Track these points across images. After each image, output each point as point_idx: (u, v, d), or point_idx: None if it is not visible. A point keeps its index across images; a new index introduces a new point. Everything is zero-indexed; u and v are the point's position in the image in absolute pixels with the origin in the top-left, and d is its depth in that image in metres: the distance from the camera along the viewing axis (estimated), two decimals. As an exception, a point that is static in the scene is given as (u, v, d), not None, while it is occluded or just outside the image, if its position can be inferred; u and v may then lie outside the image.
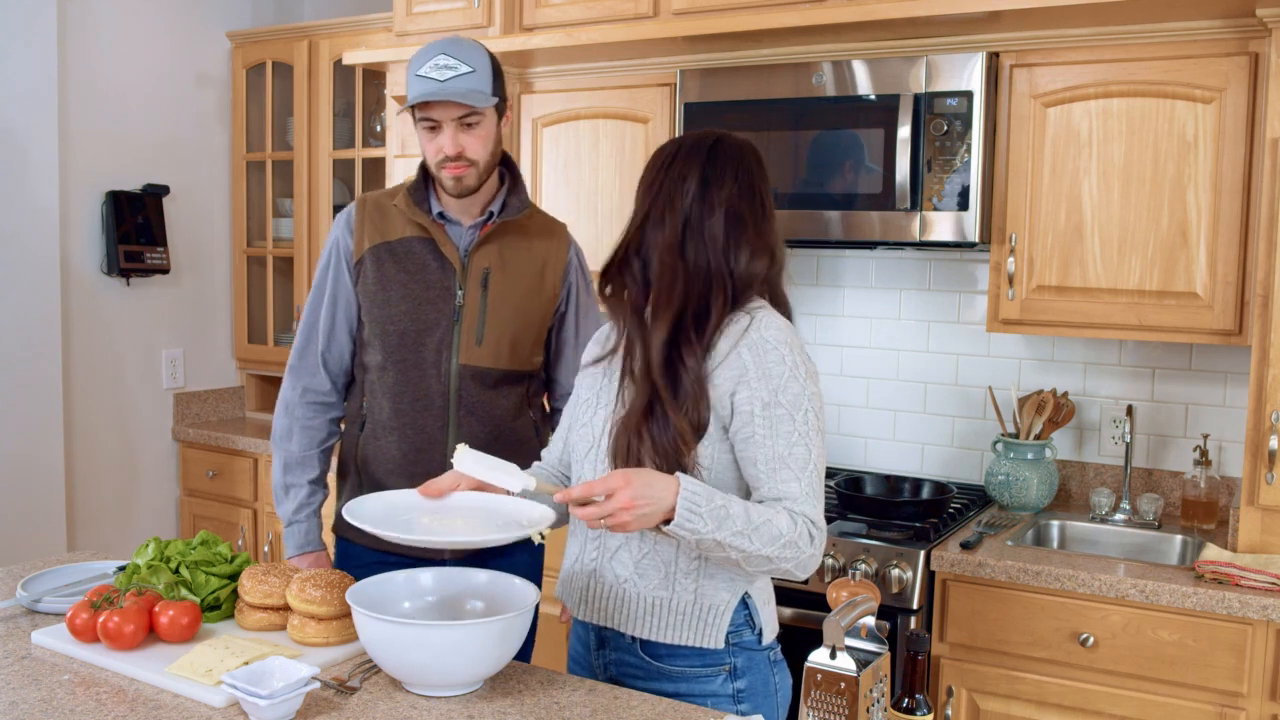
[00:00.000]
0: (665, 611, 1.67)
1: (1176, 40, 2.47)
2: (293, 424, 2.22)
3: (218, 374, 4.23)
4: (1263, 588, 2.22)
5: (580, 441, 1.77)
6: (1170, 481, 2.87)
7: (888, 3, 2.58)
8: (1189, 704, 2.28)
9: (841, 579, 1.54)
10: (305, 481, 2.22)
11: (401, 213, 2.14)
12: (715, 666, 1.68)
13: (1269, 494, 2.32)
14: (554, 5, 3.17)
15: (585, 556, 1.76)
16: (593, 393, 1.78)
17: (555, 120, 3.28)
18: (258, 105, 4.17)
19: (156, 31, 3.90)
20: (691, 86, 2.97)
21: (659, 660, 1.70)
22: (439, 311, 2.12)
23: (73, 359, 3.69)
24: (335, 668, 1.68)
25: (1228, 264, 2.45)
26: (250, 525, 3.88)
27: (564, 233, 2.25)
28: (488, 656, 1.55)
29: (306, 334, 2.22)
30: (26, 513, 3.50)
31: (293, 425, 2.22)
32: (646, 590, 1.68)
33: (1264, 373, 2.31)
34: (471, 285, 2.12)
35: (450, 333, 2.12)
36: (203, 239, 4.11)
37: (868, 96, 2.72)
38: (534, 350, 2.21)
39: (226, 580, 1.89)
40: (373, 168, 3.91)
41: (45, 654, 1.72)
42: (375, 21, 3.71)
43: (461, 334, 2.12)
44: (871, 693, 1.36)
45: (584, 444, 1.76)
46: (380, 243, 2.14)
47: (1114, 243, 2.55)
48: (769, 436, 1.60)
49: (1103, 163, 2.55)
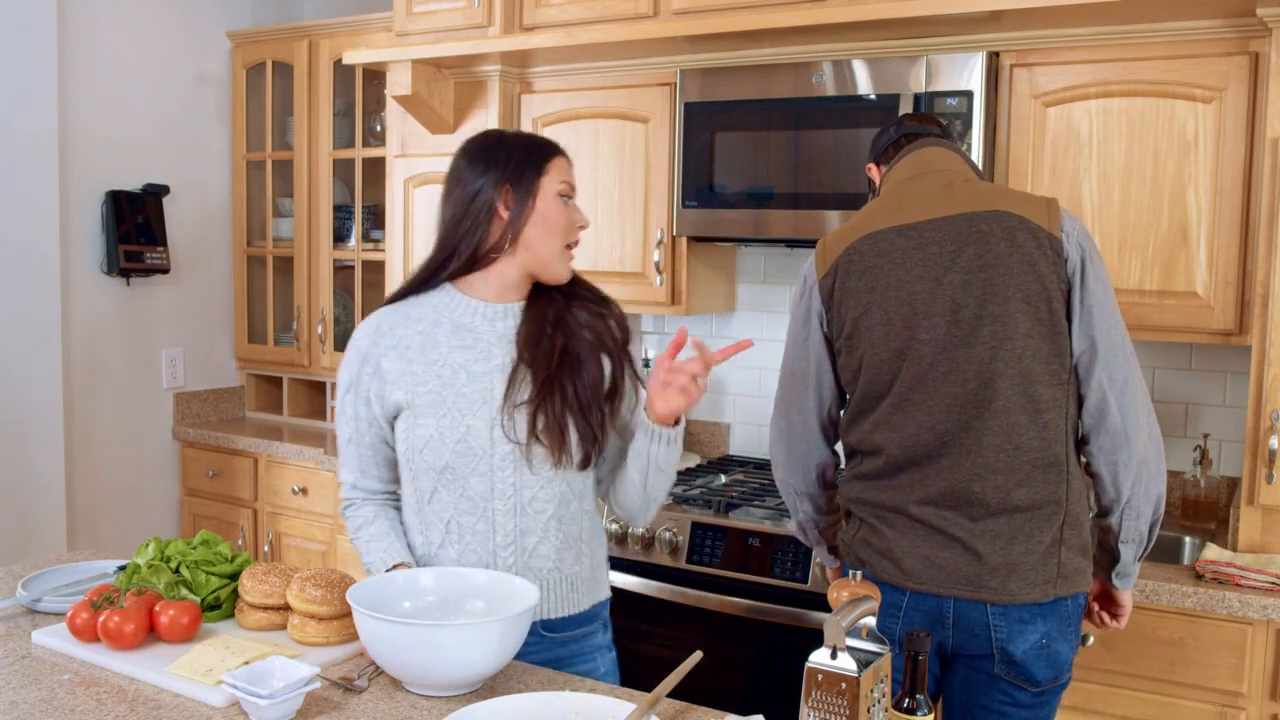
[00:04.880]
0: (578, 583, 1.87)
1: (1176, 40, 2.47)
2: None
3: (218, 374, 4.23)
4: (1263, 587, 2.22)
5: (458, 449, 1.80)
6: (1170, 481, 2.86)
7: (888, 3, 2.58)
8: (1189, 704, 2.28)
9: (842, 579, 1.54)
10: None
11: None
12: (598, 620, 1.92)
13: (1269, 494, 2.32)
14: (554, 5, 3.17)
15: (500, 570, 1.80)
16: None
17: (555, 120, 3.28)
18: (258, 105, 4.17)
19: (156, 31, 3.90)
20: (691, 86, 2.97)
21: (554, 632, 1.86)
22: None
23: (73, 359, 3.69)
24: (338, 666, 1.68)
25: (1228, 264, 2.45)
26: (250, 525, 3.88)
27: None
28: (488, 656, 1.55)
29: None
30: (26, 513, 3.50)
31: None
32: (566, 571, 1.84)
33: (1264, 373, 2.31)
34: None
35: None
36: (203, 239, 4.11)
37: (868, 96, 2.72)
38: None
39: (227, 580, 1.89)
40: (373, 167, 3.91)
41: (45, 654, 1.72)
42: (375, 21, 3.71)
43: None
44: (872, 693, 1.36)
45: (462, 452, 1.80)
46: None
47: (1114, 242, 2.55)
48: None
49: (1103, 162, 2.55)
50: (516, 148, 1.83)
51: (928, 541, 1.87)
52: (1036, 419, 1.83)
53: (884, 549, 1.92)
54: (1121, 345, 1.85)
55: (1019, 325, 1.82)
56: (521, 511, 1.80)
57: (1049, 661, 1.85)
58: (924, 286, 1.87)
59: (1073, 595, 1.87)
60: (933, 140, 2.05)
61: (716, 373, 3.52)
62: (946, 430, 1.85)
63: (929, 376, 1.86)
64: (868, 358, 1.92)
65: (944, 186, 1.93)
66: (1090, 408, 1.85)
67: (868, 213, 1.99)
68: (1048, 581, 1.83)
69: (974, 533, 1.84)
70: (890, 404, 1.90)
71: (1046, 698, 1.89)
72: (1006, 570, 1.83)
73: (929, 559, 1.86)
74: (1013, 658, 1.84)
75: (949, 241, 1.87)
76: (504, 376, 1.79)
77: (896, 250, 1.90)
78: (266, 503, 3.83)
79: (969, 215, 1.87)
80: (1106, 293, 1.85)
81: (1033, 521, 1.83)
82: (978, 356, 1.83)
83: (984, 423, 1.83)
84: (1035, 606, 1.83)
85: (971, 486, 1.84)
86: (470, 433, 1.78)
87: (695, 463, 3.37)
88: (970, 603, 1.84)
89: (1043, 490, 1.83)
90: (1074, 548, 1.86)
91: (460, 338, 1.82)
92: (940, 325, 1.85)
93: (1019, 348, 1.82)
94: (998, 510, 1.83)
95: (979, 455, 1.83)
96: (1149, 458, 1.85)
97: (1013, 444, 1.83)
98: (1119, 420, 1.83)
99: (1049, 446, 1.84)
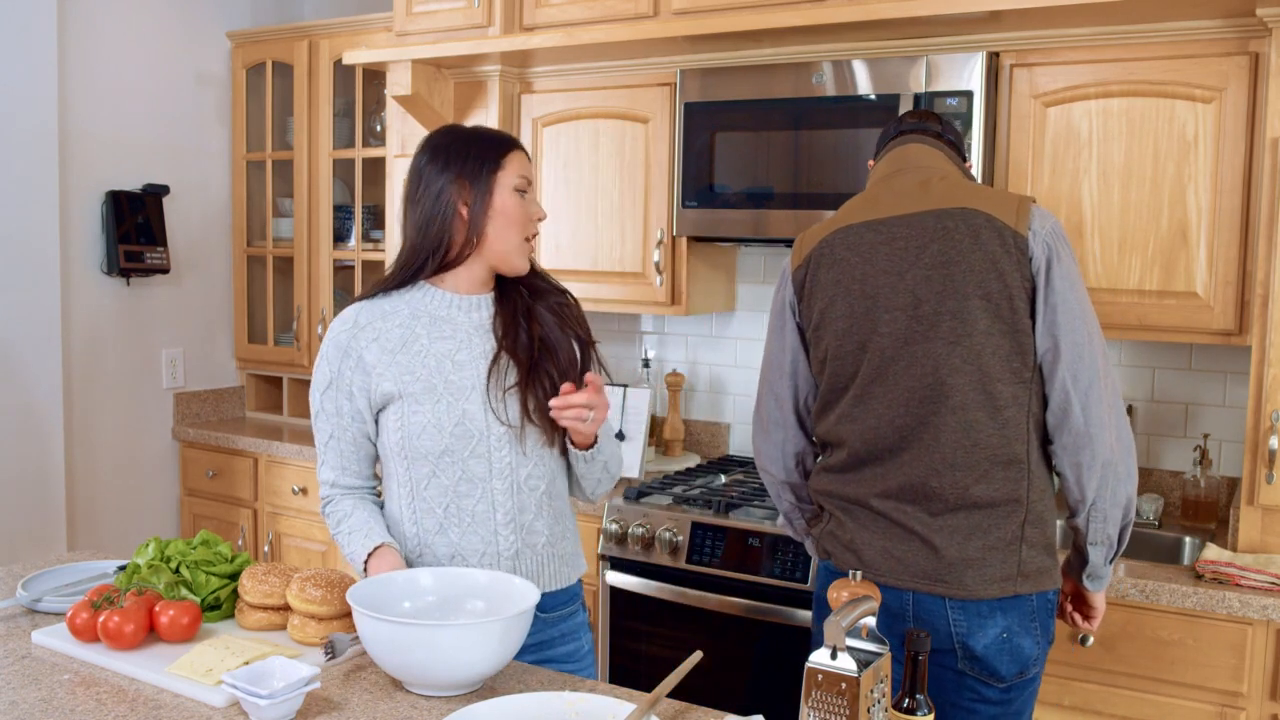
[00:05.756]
0: (567, 557, 1.95)
1: (1176, 40, 2.47)
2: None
3: (218, 374, 4.23)
4: (1263, 587, 2.22)
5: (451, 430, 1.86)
6: (1170, 481, 2.87)
7: (888, 3, 2.58)
8: (1189, 704, 2.28)
9: (842, 579, 1.54)
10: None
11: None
12: (577, 600, 1.99)
13: (1269, 494, 2.32)
14: (554, 5, 3.17)
15: (501, 548, 1.87)
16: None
17: (555, 120, 3.28)
18: (258, 105, 4.17)
19: (156, 31, 3.90)
20: (691, 86, 2.97)
21: (545, 611, 1.90)
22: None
23: (73, 359, 3.69)
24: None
25: (1228, 264, 2.45)
26: (250, 525, 3.88)
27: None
28: (488, 656, 1.55)
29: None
30: (26, 513, 3.50)
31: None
32: (557, 547, 1.93)
33: (1264, 373, 2.31)
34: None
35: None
36: (203, 239, 4.11)
37: (868, 96, 2.72)
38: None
39: (227, 580, 1.89)
40: (372, 167, 3.91)
41: (45, 654, 1.73)
42: (375, 21, 3.71)
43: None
44: (872, 693, 1.36)
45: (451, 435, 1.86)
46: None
47: (1114, 243, 2.55)
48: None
49: (1103, 162, 2.55)
50: (473, 144, 1.87)
51: (887, 535, 1.89)
52: (996, 416, 1.83)
53: (846, 541, 1.94)
54: (1088, 345, 1.83)
55: (978, 322, 1.83)
56: (518, 489, 1.87)
57: (1012, 656, 1.85)
58: (887, 280, 1.89)
59: (1038, 593, 1.87)
60: (917, 137, 2.05)
61: (716, 373, 3.52)
62: (906, 424, 1.87)
63: (889, 370, 1.88)
64: (832, 349, 1.95)
65: (920, 183, 1.94)
66: (1054, 407, 1.85)
67: (847, 208, 2.02)
68: (1007, 578, 1.84)
69: (932, 527, 1.85)
70: (853, 397, 1.93)
71: (1014, 694, 1.88)
72: (963, 565, 1.84)
73: (888, 552, 1.88)
74: (974, 652, 1.85)
75: (915, 237, 1.88)
76: (487, 363, 1.86)
77: (865, 244, 1.93)
78: (266, 503, 3.84)
79: (937, 212, 1.88)
80: (1073, 292, 1.84)
81: (991, 518, 1.84)
82: (934, 352, 1.85)
83: (941, 418, 1.84)
84: (995, 602, 1.84)
85: (930, 481, 1.85)
86: (466, 416, 1.84)
87: (695, 463, 3.37)
88: (929, 596, 1.85)
89: (1002, 487, 1.84)
90: (1036, 545, 1.86)
91: (439, 329, 1.88)
92: (901, 319, 1.87)
93: (977, 344, 1.83)
94: (956, 506, 1.84)
95: (937, 450, 1.85)
96: (1115, 460, 1.84)
97: (971, 440, 1.83)
98: (1082, 421, 1.83)
99: (1009, 444, 1.84)
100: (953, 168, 2.01)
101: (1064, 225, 2.58)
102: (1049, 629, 1.90)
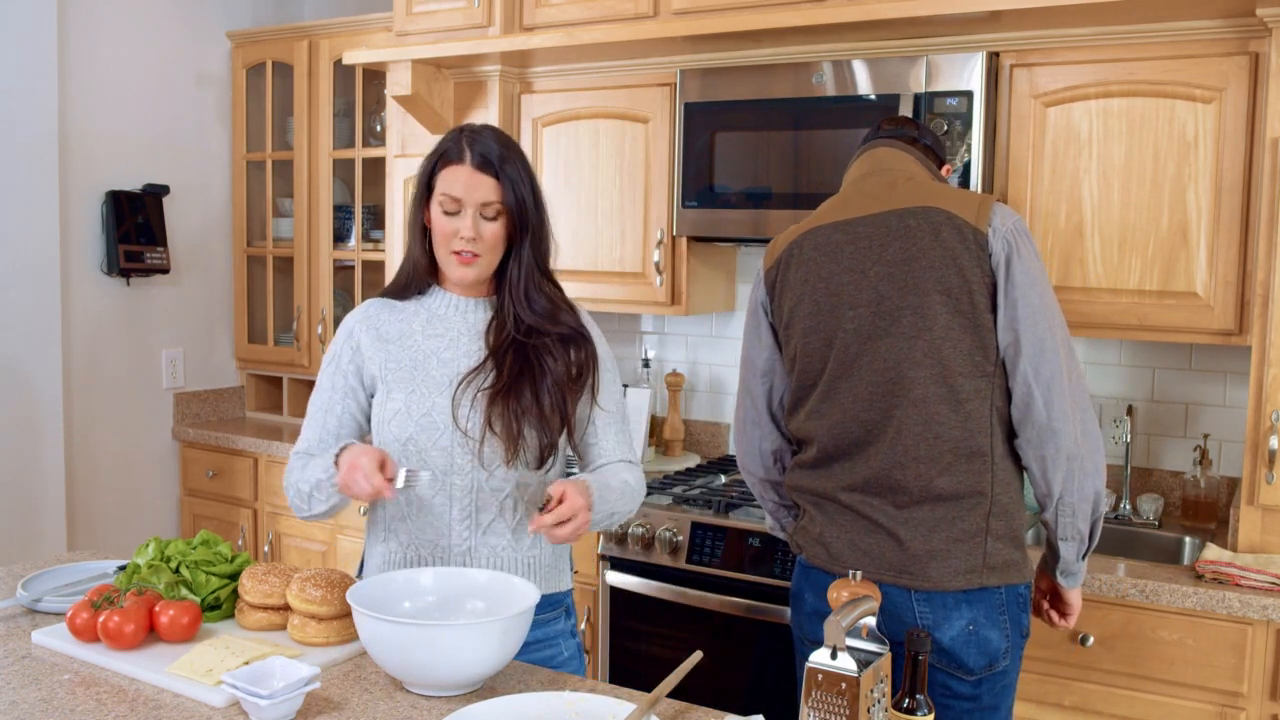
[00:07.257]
0: (537, 568, 1.92)
1: (1176, 40, 2.47)
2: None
3: (218, 374, 4.23)
4: (1263, 587, 2.23)
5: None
6: (1170, 481, 2.87)
7: (888, 3, 2.58)
8: (1189, 704, 2.28)
9: (842, 579, 1.54)
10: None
11: None
12: (560, 607, 1.97)
13: (1269, 494, 2.32)
14: (554, 5, 3.17)
15: (453, 542, 1.87)
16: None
17: (555, 120, 3.28)
18: (258, 105, 4.17)
19: (156, 31, 3.90)
20: (691, 86, 2.97)
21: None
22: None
23: (73, 359, 3.69)
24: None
25: (1228, 264, 2.45)
26: (250, 525, 3.88)
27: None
28: (488, 656, 1.55)
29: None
30: (26, 513, 3.50)
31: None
32: (522, 555, 1.90)
33: (1264, 373, 2.31)
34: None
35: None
36: (203, 239, 4.11)
37: (868, 96, 2.72)
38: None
39: (227, 580, 1.89)
40: (373, 167, 3.91)
41: (45, 654, 1.73)
42: (375, 21, 3.71)
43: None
44: (872, 693, 1.36)
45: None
46: None
47: (1114, 243, 2.55)
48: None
49: (1103, 162, 2.55)
50: (432, 155, 1.91)
51: (855, 527, 1.92)
52: (958, 409, 1.85)
53: (817, 534, 1.97)
54: (1050, 339, 1.84)
55: (938, 317, 1.85)
56: (479, 489, 1.87)
57: (979, 648, 1.86)
58: (850, 278, 1.93)
59: (1007, 586, 1.88)
60: (887, 141, 2.10)
61: (716, 373, 3.52)
62: (870, 419, 1.90)
63: (853, 366, 1.92)
64: (800, 347, 1.99)
65: (887, 185, 1.99)
66: (1017, 401, 1.87)
67: (819, 210, 2.07)
68: (972, 570, 1.85)
69: (898, 520, 1.87)
70: (820, 393, 1.96)
71: (985, 688, 1.89)
72: (928, 557, 1.85)
73: (855, 544, 1.91)
74: (941, 645, 1.86)
75: (878, 236, 1.92)
76: (469, 364, 1.89)
77: (832, 244, 1.97)
78: (266, 503, 3.84)
79: (900, 211, 1.92)
80: (1034, 287, 1.85)
81: (956, 510, 1.86)
82: (896, 346, 1.88)
83: (904, 412, 1.87)
84: (961, 594, 1.85)
85: (894, 474, 1.87)
86: (434, 408, 1.87)
87: (695, 463, 3.37)
88: (895, 588, 1.87)
89: (965, 480, 1.86)
90: (1003, 538, 1.88)
91: (434, 327, 1.93)
92: (864, 315, 1.91)
93: (937, 338, 1.85)
94: (920, 498, 1.86)
95: (900, 444, 1.87)
96: (1081, 454, 1.85)
97: (933, 433, 1.86)
98: (1044, 415, 1.84)
99: (971, 437, 1.86)
100: (920, 169, 2.04)
101: (1064, 225, 2.60)
102: (1020, 623, 1.91)
